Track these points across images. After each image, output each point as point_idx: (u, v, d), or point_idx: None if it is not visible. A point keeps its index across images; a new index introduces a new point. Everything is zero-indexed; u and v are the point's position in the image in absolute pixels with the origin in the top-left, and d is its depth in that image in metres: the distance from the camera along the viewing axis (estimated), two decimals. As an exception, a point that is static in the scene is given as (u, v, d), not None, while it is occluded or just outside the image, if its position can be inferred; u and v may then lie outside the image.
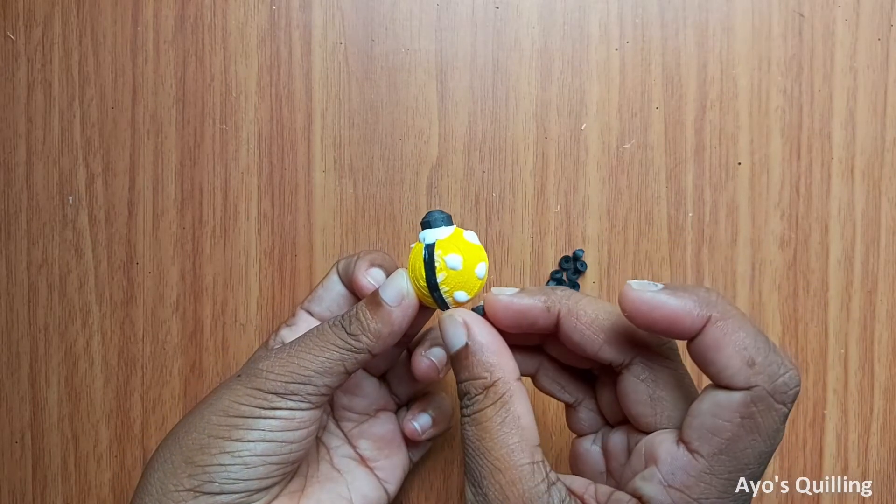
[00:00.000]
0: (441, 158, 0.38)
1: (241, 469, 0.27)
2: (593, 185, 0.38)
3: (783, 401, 0.23)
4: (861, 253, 0.38)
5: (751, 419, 0.23)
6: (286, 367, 0.27)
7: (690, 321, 0.23)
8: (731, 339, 0.23)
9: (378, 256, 0.31)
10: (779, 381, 0.22)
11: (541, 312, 0.26)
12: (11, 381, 0.39)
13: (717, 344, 0.23)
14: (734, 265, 0.38)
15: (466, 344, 0.26)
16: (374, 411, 0.34)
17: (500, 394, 0.25)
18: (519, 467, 0.24)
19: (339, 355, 0.27)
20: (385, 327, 0.28)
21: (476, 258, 0.28)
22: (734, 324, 0.23)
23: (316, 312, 0.33)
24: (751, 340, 0.23)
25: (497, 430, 0.25)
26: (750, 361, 0.23)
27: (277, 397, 0.27)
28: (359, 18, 0.38)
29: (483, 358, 0.26)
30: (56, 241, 0.39)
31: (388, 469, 0.33)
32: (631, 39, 0.38)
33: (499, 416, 0.25)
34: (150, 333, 0.39)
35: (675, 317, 0.23)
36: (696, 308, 0.23)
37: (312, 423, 0.28)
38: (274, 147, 0.38)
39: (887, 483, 0.38)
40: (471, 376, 0.26)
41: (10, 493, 0.39)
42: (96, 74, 0.39)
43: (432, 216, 0.28)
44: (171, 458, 0.27)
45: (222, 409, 0.27)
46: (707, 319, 0.23)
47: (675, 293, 0.23)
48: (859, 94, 0.38)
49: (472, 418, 0.25)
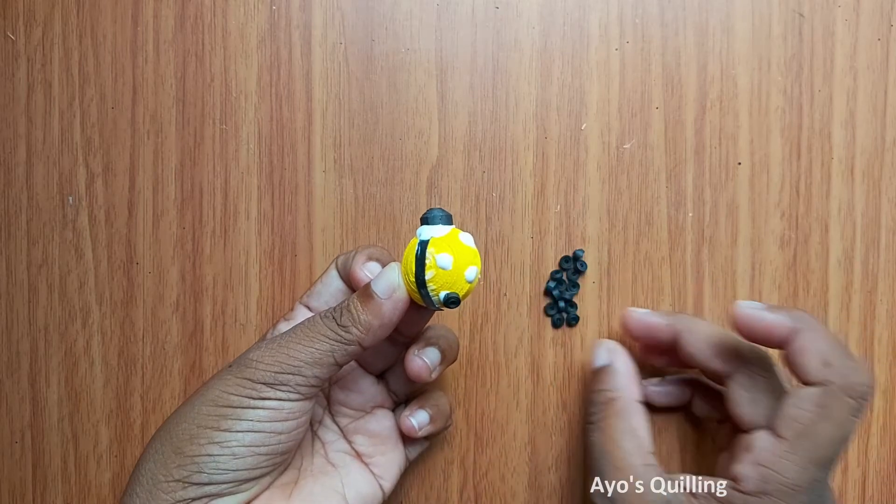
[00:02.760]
0: (441, 158, 0.38)
1: (230, 459, 0.27)
2: (593, 185, 0.38)
3: (853, 395, 0.28)
4: (861, 253, 0.38)
5: (825, 408, 0.28)
6: (276, 357, 0.27)
7: (783, 331, 0.29)
8: (813, 346, 0.28)
9: (376, 251, 0.31)
10: (850, 379, 0.28)
11: (664, 328, 0.33)
12: (11, 381, 0.39)
13: (801, 349, 0.29)
14: (734, 265, 0.38)
15: (607, 365, 0.34)
16: (370, 408, 0.34)
17: (621, 407, 0.32)
18: (634, 466, 0.30)
19: (328, 346, 0.28)
20: (375, 319, 0.28)
21: (468, 261, 0.28)
22: (817, 335, 0.29)
23: (314, 307, 0.33)
24: (829, 347, 0.28)
25: (618, 437, 0.31)
26: (826, 363, 0.28)
27: (266, 387, 0.27)
28: (359, 18, 0.38)
29: (615, 378, 0.33)
30: (56, 241, 0.39)
31: (384, 465, 0.33)
32: (631, 39, 0.38)
33: (619, 424, 0.31)
34: (150, 333, 0.39)
35: (772, 328, 0.29)
36: (788, 321, 0.29)
37: (302, 415, 0.28)
38: (274, 147, 0.38)
39: (887, 483, 0.38)
40: (601, 389, 0.33)
41: (10, 493, 0.39)
42: (96, 74, 0.39)
43: (432, 213, 0.28)
44: (161, 449, 0.27)
45: (212, 400, 0.27)
46: (796, 331, 0.29)
47: (772, 310, 0.30)
48: (859, 94, 0.38)
49: (596, 425, 0.32)
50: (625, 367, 0.34)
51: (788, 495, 0.28)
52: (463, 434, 0.38)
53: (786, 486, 0.28)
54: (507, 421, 0.38)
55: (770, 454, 0.28)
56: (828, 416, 0.28)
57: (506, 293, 0.38)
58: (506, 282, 0.38)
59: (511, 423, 0.38)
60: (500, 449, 0.38)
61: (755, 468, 0.28)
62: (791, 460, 0.28)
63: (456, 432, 0.38)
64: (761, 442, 0.29)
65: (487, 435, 0.38)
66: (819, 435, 0.28)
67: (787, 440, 0.28)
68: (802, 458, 0.28)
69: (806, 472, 0.28)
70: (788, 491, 0.28)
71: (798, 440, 0.28)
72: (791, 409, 0.28)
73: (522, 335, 0.38)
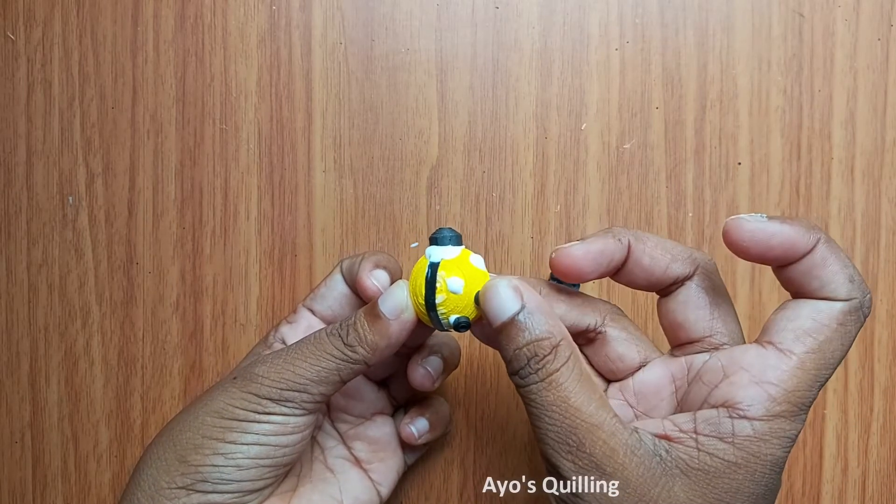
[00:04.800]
0: (441, 158, 0.38)
1: (234, 471, 0.27)
2: (593, 185, 0.38)
3: (867, 313, 0.26)
4: (861, 253, 0.38)
5: (844, 326, 0.25)
6: (282, 373, 0.27)
7: (804, 244, 0.25)
8: (836, 258, 0.25)
9: (383, 258, 0.31)
10: (866, 297, 0.26)
11: (616, 246, 0.27)
12: (11, 381, 0.39)
13: (824, 262, 0.25)
14: (734, 265, 0.38)
15: (523, 306, 0.25)
16: (371, 414, 0.34)
17: (568, 353, 0.25)
18: (611, 420, 0.24)
19: (335, 365, 0.27)
20: (382, 340, 0.27)
21: (478, 284, 0.27)
22: (835, 246, 0.26)
23: (317, 311, 0.33)
24: (847, 260, 0.26)
25: (580, 388, 0.25)
26: (851, 277, 0.25)
27: (272, 403, 0.27)
28: (359, 18, 0.38)
29: (541, 319, 0.25)
30: (56, 241, 0.39)
31: (383, 471, 0.33)
32: (631, 39, 0.38)
33: (574, 374, 0.25)
34: (150, 333, 0.39)
35: (792, 242, 0.25)
36: (807, 233, 0.25)
37: (306, 428, 0.28)
38: (274, 147, 0.38)
39: (887, 483, 0.38)
40: (533, 338, 0.25)
41: (10, 493, 0.39)
42: (96, 74, 0.39)
43: (442, 234, 0.27)
44: (164, 456, 0.27)
45: (217, 411, 0.27)
46: (816, 241, 0.25)
47: (786, 222, 0.25)
48: (859, 94, 0.38)
49: (546, 382, 0.25)
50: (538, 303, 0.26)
51: (800, 417, 0.25)
52: (463, 434, 0.38)
53: (797, 407, 0.25)
54: (507, 421, 0.38)
55: (778, 371, 0.25)
56: (844, 334, 0.25)
57: (506, 293, 0.38)
58: (506, 282, 0.38)
59: (511, 423, 0.38)
60: (500, 449, 0.38)
61: (762, 387, 0.25)
62: (803, 378, 0.25)
63: (456, 432, 0.38)
64: (759, 358, 0.25)
65: (487, 435, 0.38)
66: (832, 353, 0.25)
67: (796, 355, 0.25)
68: (812, 376, 0.25)
69: (812, 391, 0.25)
70: (799, 412, 0.25)
71: (809, 356, 0.25)
72: (807, 323, 0.25)
73: (522, 335, 0.38)
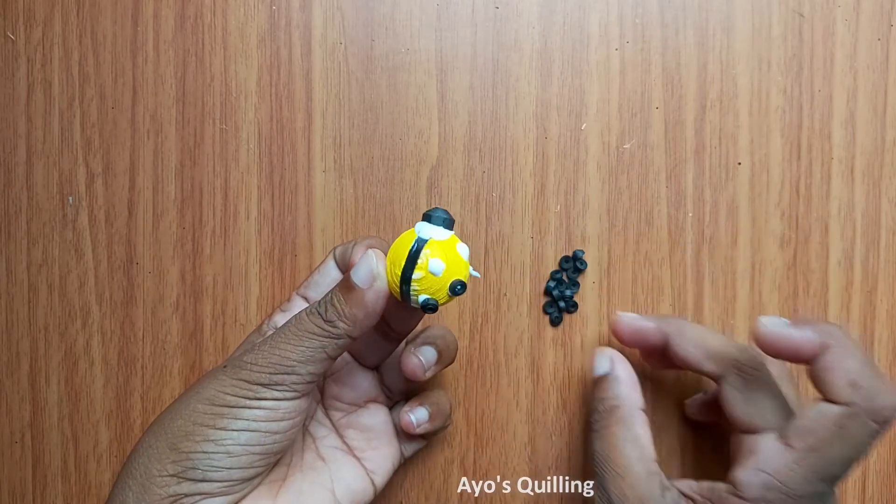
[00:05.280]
0: (441, 158, 0.38)
1: (224, 457, 0.27)
2: (593, 185, 0.38)
3: (877, 419, 0.27)
4: (861, 253, 0.38)
5: (843, 428, 0.27)
6: (269, 358, 0.28)
7: (809, 350, 0.28)
8: (840, 364, 0.27)
9: (375, 242, 0.31)
10: (875, 402, 0.27)
11: (654, 332, 0.33)
12: (11, 381, 0.39)
13: (828, 366, 0.28)
14: (734, 265, 0.38)
15: (608, 373, 0.34)
16: (364, 402, 0.34)
17: (623, 415, 0.32)
18: (636, 474, 0.30)
19: (318, 343, 0.28)
20: (360, 310, 0.28)
21: (456, 272, 0.27)
22: (845, 352, 0.28)
23: (311, 298, 0.33)
24: (858, 366, 0.27)
25: (620, 444, 0.31)
26: (853, 383, 0.27)
27: (262, 388, 0.27)
28: (359, 18, 0.38)
29: (617, 386, 0.33)
30: (56, 241, 0.39)
31: (377, 460, 0.33)
32: (631, 39, 0.38)
33: (621, 432, 0.31)
34: (150, 333, 0.39)
35: (799, 346, 0.28)
36: (814, 338, 0.28)
37: (297, 415, 0.28)
38: (274, 147, 0.38)
39: (887, 483, 0.38)
40: (603, 397, 0.33)
41: (10, 493, 0.39)
42: (96, 74, 0.39)
43: (436, 213, 0.28)
44: (155, 444, 0.27)
45: (208, 398, 0.28)
46: (824, 347, 0.28)
47: (798, 327, 0.29)
48: (859, 94, 0.38)
49: (598, 433, 0.32)
50: (626, 375, 0.33)
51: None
52: (463, 434, 0.38)
53: (788, 497, 0.27)
54: (507, 421, 0.38)
55: (776, 462, 0.28)
56: (844, 436, 0.27)
57: (506, 293, 0.38)
58: (506, 282, 0.38)
59: (511, 423, 0.38)
60: (500, 449, 0.38)
61: (758, 475, 0.28)
62: (797, 472, 0.27)
63: (456, 432, 0.38)
64: (767, 448, 0.28)
65: (487, 435, 0.38)
66: (831, 452, 0.27)
67: (796, 450, 0.27)
68: (809, 470, 0.27)
69: (810, 485, 0.27)
70: (790, 501, 0.27)
71: (808, 453, 0.27)
72: (807, 421, 0.27)
73: (522, 335, 0.38)
